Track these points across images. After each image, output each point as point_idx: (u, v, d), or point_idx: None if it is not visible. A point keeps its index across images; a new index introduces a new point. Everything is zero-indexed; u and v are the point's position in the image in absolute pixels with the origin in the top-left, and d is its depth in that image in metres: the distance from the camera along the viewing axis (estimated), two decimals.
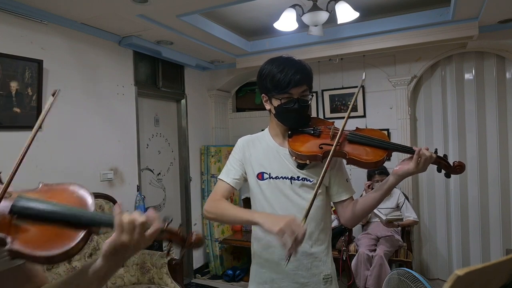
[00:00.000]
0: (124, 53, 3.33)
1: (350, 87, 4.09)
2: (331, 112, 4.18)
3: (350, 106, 1.40)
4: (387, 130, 3.89)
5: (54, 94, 0.80)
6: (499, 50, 3.47)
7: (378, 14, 3.35)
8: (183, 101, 4.13)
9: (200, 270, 4.28)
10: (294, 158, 1.35)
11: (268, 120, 1.49)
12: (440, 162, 1.28)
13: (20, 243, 0.66)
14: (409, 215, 3.42)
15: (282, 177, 1.37)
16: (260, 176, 1.40)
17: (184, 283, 3.32)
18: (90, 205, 0.77)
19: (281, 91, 1.31)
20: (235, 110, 5.01)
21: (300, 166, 1.36)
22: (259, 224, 1.17)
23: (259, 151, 1.44)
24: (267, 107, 1.41)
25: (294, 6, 2.85)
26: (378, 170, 3.39)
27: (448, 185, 3.82)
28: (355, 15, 2.76)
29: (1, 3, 2.34)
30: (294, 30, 3.09)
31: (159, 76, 3.79)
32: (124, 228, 0.71)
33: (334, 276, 1.41)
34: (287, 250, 1.08)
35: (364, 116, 4.04)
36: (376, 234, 3.45)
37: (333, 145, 1.26)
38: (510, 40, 3.18)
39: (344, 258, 3.35)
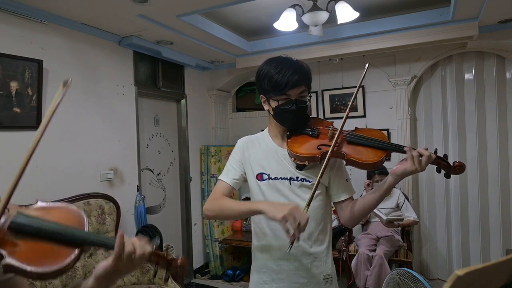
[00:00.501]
0: (124, 53, 3.33)
1: (350, 87, 4.09)
2: (331, 112, 4.18)
3: (350, 103, 1.38)
4: (387, 130, 3.89)
5: (65, 83, 0.80)
6: (499, 50, 3.47)
7: (378, 14, 3.35)
8: (183, 101, 4.13)
9: (200, 270, 4.28)
10: (293, 159, 1.35)
11: (267, 120, 1.49)
12: (439, 162, 1.27)
13: (15, 258, 0.67)
14: (409, 215, 3.42)
15: (281, 177, 1.38)
16: (260, 176, 1.41)
17: (184, 283, 3.32)
18: (85, 225, 0.80)
19: (278, 93, 1.31)
20: (235, 110, 5.01)
21: (299, 167, 1.36)
22: (263, 212, 1.18)
23: (259, 152, 1.44)
24: (266, 108, 1.41)
25: (294, 6, 2.85)
26: (377, 170, 3.39)
27: (448, 185, 3.82)
28: (355, 15, 2.76)
29: (1, 3, 2.34)
30: (294, 30, 3.09)
31: (159, 76, 3.79)
32: (123, 257, 0.75)
33: (334, 276, 1.41)
34: (290, 236, 1.12)
35: (364, 116, 4.04)
36: (376, 234, 3.45)
37: (331, 145, 1.26)
38: (510, 40, 3.18)
39: (344, 258, 3.35)
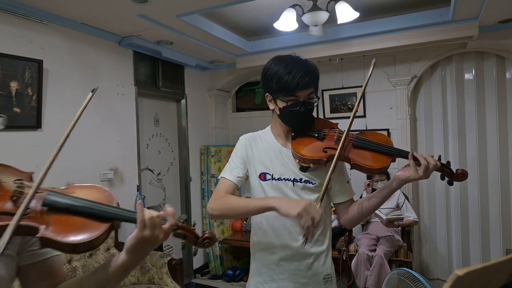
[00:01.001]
0: (124, 53, 3.33)
1: (350, 87, 4.09)
2: (331, 112, 4.18)
3: (357, 104, 1.36)
4: (387, 130, 3.89)
5: (93, 90, 0.90)
6: (499, 50, 3.47)
7: (378, 14, 3.35)
8: (183, 101, 4.13)
9: (200, 270, 4.28)
10: (298, 161, 1.33)
11: (268, 120, 1.48)
12: (444, 170, 1.27)
13: (51, 232, 0.74)
14: (409, 215, 3.42)
15: (284, 178, 1.36)
16: (263, 176, 1.38)
17: (184, 283, 3.32)
18: (113, 202, 0.86)
19: (287, 94, 1.28)
20: (235, 110, 5.01)
21: (303, 169, 1.35)
22: (276, 209, 1.16)
23: (261, 150, 1.41)
24: (271, 106, 1.38)
25: (294, 6, 2.85)
26: None
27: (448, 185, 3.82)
28: (355, 15, 2.75)
29: (1, 3, 2.34)
30: (294, 30, 3.09)
31: (159, 76, 3.79)
32: (146, 224, 0.78)
33: (333, 276, 1.42)
34: (305, 233, 1.12)
35: (364, 116, 4.04)
36: (376, 234, 3.45)
37: (337, 149, 1.24)
38: (510, 40, 3.18)
39: (344, 258, 3.35)
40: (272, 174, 1.37)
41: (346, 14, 2.74)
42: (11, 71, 2.41)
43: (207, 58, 4.06)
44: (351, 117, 1.30)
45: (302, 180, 1.35)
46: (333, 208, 1.49)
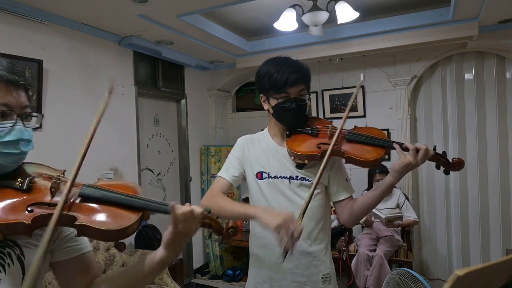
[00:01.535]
0: (124, 53, 3.33)
1: (350, 87, 4.09)
2: (331, 112, 4.18)
3: (348, 107, 1.39)
4: (387, 130, 3.89)
5: (110, 91, 0.96)
6: (499, 50, 3.47)
7: (378, 14, 3.35)
8: (183, 101, 4.13)
9: (200, 270, 4.28)
10: (293, 158, 1.36)
11: (267, 120, 1.50)
12: (438, 159, 1.28)
13: (87, 220, 0.80)
14: (409, 215, 3.42)
15: (281, 176, 1.38)
16: (259, 175, 1.41)
17: (184, 283, 3.32)
18: (142, 193, 0.92)
19: (278, 91, 1.32)
20: (235, 110, 5.01)
21: (299, 166, 1.37)
22: (257, 218, 1.18)
23: (259, 151, 1.45)
24: (265, 107, 1.42)
25: (294, 6, 2.85)
26: (379, 169, 3.40)
27: (448, 185, 3.82)
28: (355, 15, 2.76)
29: (1, 3, 2.34)
30: (294, 30, 3.09)
31: (159, 76, 3.79)
32: (179, 218, 0.83)
33: (333, 276, 1.41)
34: (283, 247, 1.10)
35: (364, 116, 4.04)
36: (376, 234, 3.45)
37: (330, 144, 1.26)
38: (510, 40, 3.18)
39: (344, 258, 3.35)
40: (268, 173, 1.40)
41: (346, 14, 2.74)
42: None
43: (207, 58, 4.06)
44: (345, 112, 1.32)
45: (298, 178, 1.37)
46: (333, 208, 1.49)
